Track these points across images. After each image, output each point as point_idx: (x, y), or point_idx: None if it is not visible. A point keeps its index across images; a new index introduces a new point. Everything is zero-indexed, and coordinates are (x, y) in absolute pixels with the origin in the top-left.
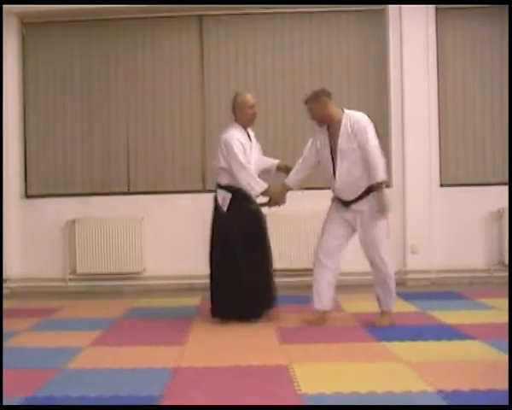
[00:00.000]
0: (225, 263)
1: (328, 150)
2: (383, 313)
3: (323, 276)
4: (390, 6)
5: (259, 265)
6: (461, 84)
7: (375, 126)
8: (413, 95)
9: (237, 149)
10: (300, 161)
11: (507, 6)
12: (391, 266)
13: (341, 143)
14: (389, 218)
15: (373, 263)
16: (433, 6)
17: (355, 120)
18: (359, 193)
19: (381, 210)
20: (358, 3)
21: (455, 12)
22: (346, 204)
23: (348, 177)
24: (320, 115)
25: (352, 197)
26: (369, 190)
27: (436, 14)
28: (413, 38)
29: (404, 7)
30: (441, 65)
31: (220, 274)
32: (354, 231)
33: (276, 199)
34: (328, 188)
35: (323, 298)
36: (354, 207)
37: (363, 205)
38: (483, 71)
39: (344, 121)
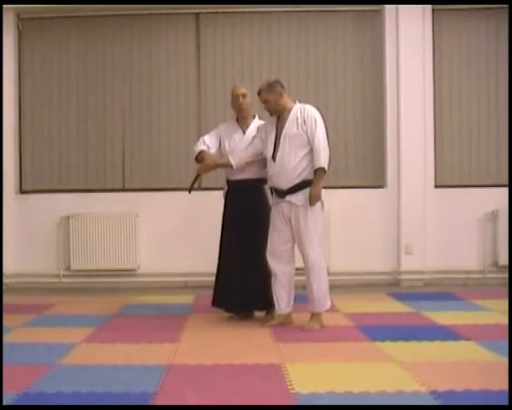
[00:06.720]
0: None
1: (273, 135)
2: (311, 316)
3: (276, 279)
4: (387, 7)
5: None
6: (456, 85)
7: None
8: (409, 96)
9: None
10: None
11: (504, 7)
12: (319, 265)
13: (287, 127)
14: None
15: (303, 258)
16: (430, 7)
17: (306, 109)
18: (295, 183)
19: (313, 197)
20: (355, 3)
21: (451, 13)
22: (282, 195)
23: (288, 160)
24: (275, 105)
25: (288, 185)
26: (306, 184)
27: (433, 16)
28: (409, 39)
29: (401, 8)
30: (437, 66)
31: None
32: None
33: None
34: (328, 187)
35: (280, 301)
36: (289, 198)
37: (297, 197)
38: (479, 72)
39: (295, 109)
